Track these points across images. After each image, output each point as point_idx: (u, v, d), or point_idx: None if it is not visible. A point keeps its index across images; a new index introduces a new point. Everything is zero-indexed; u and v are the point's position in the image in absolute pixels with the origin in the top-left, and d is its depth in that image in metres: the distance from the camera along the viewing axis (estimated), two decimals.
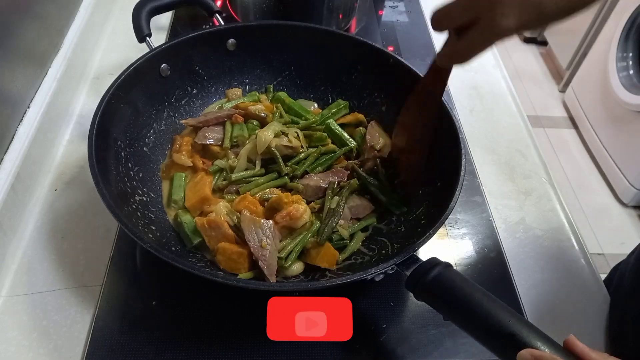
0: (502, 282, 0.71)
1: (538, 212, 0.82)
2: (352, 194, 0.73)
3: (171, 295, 0.66)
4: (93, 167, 0.59)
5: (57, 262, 0.68)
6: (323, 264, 0.65)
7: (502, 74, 1.07)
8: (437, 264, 0.54)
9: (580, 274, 0.74)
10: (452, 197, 0.61)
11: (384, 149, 0.79)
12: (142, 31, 0.81)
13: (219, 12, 0.87)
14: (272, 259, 0.63)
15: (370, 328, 0.64)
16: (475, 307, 0.50)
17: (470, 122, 0.96)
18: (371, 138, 0.79)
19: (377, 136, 0.80)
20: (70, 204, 0.75)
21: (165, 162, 0.77)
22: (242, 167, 0.75)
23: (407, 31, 1.15)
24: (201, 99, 0.85)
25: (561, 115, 2.65)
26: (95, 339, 0.60)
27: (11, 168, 0.70)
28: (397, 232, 0.70)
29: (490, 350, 0.49)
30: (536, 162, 0.90)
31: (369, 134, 0.79)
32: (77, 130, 0.87)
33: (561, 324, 0.68)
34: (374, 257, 0.68)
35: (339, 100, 0.85)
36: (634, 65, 2.16)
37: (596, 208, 2.22)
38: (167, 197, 0.73)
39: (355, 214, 0.72)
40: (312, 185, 0.72)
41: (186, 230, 0.67)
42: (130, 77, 0.71)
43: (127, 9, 0.84)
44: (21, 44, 0.76)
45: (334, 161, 0.78)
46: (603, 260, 1.99)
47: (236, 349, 0.61)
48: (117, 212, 0.56)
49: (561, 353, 0.44)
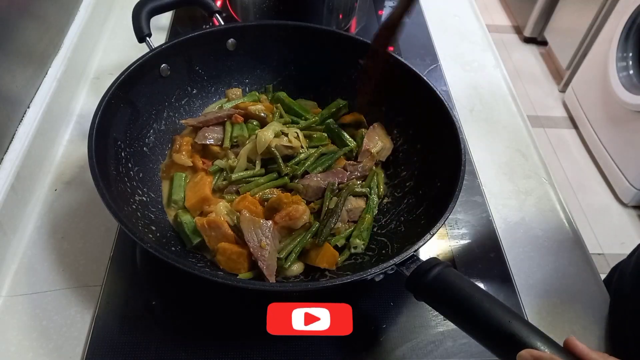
0: (502, 282, 0.71)
1: (538, 212, 0.82)
2: (349, 194, 0.73)
3: (171, 295, 0.66)
4: (93, 167, 0.59)
5: (57, 262, 0.68)
6: (323, 264, 0.65)
7: (502, 74, 1.07)
8: (437, 264, 0.54)
9: (580, 274, 0.74)
10: (452, 197, 0.61)
11: (381, 153, 0.79)
12: (142, 31, 0.81)
13: (219, 12, 0.87)
14: (272, 259, 0.63)
15: (370, 328, 0.64)
16: (475, 307, 0.50)
17: (470, 122, 0.96)
18: (368, 141, 0.79)
19: (376, 139, 0.79)
20: (70, 204, 0.75)
21: (165, 162, 0.77)
22: (242, 167, 0.75)
23: (407, 31, 1.15)
24: (201, 99, 0.85)
25: (561, 115, 2.65)
26: (95, 339, 0.61)
27: (11, 168, 0.70)
28: (397, 232, 0.70)
29: (490, 350, 0.49)
30: (536, 162, 0.90)
31: (367, 137, 0.79)
32: (77, 130, 0.87)
33: (561, 324, 0.68)
34: (374, 257, 0.68)
35: (339, 100, 0.85)
36: (634, 65, 2.16)
37: (596, 208, 2.21)
38: (167, 197, 0.73)
39: (352, 217, 0.72)
40: (312, 185, 0.72)
41: (186, 230, 0.67)
42: (130, 77, 0.71)
43: (127, 9, 0.84)
44: (21, 44, 0.76)
45: (334, 162, 0.78)
46: (603, 260, 1.99)
47: (236, 349, 0.61)
48: (117, 212, 0.56)
49: (561, 353, 0.44)
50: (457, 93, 1.01)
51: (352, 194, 0.73)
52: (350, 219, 0.72)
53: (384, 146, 0.79)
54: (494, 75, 1.07)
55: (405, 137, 0.81)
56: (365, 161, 0.77)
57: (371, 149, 0.78)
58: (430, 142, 0.76)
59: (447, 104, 0.71)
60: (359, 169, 0.76)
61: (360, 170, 0.76)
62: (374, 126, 0.81)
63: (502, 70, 1.08)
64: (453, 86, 1.02)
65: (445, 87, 1.02)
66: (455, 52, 1.12)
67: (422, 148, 0.77)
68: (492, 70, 1.09)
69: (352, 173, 0.76)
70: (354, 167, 0.76)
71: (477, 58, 1.11)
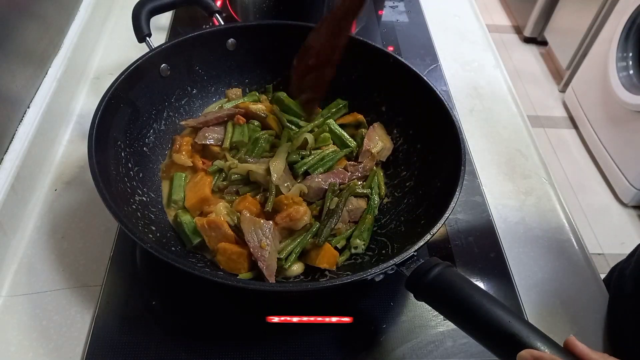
0: (502, 282, 0.71)
1: (538, 212, 0.82)
2: (350, 194, 0.72)
3: (171, 295, 0.66)
4: (93, 167, 0.59)
5: (57, 262, 0.68)
6: (323, 264, 0.65)
7: (502, 74, 1.07)
8: (437, 264, 0.54)
9: (580, 274, 0.74)
10: (452, 197, 0.61)
11: (382, 153, 0.79)
12: (142, 31, 0.81)
13: (219, 12, 0.87)
14: (272, 260, 0.63)
15: (370, 328, 0.64)
16: (475, 307, 0.49)
17: (470, 122, 0.96)
18: (369, 141, 0.79)
19: (376, 139, 0.79)
20: (70, 204, 0.75)
21: (165, 162, 0.77)
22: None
23: (407, 31, 1.15)
24: (201, 99, 0.85)
25: (561, 115, 2.65)
26: (95, 339, 0.60)
27: (11, 168, 0.70)
28: (397, 232, 0.70)
29: (490, 350, 0.49)
30: (536, 162, 0.90)
31: (367, 137, 0.79)
32: (77, 130, 0.87)
33: (561, 324, 0.68)
34: (374, 257, 0.68)
35: (338, 100, 0.85)
36: (634, 65, 2.16)
37: (596, 208, 2.21)
38: (167, 197, 0.73)
39: (353, 217, 0.72)
40: (313, 187, 0.72)
41: (186, 230, 0.67)
42: (130, 77, 0.71)
43: (127, 9, 0.84)
44: (21, 44, 0.76)
45: (335, 163, 0.77)
46: (603, 260, 1.99)
47: (236, 349, 0.61)
48: (117, 212, 0.56)
49: (561, 353, 0.44)
50: (457, 93, 1.01)
51: (354, 195, 0.73)
52: (351, 219, 0.72)
53: (384, 146, 0.79)
54: (494, 75, 1.07)
55: (405, 137, 0.81)
56: (366, 161, 0.77)
57: (372, 149, 0.78)
58: (430, 142, 0.76)
59: (447, 104, 0.71)
60: (360, 170, 0.76)
61: (361, 171, 0.76)
62: (374, 126, 0.81)
63: (502, 70, 1.08)
64: (453, 86, 1.02)
65: (445, 87, 1.02)
66: (455, 52, 1.12)
67: (422, 148, 0.77)
68: (492, 70, 1.09)
69: (353, 174, 0.76)
70: (354, 167, 0.76)
71: (477, 58, 1.11)
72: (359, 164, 0.77)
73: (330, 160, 0.77)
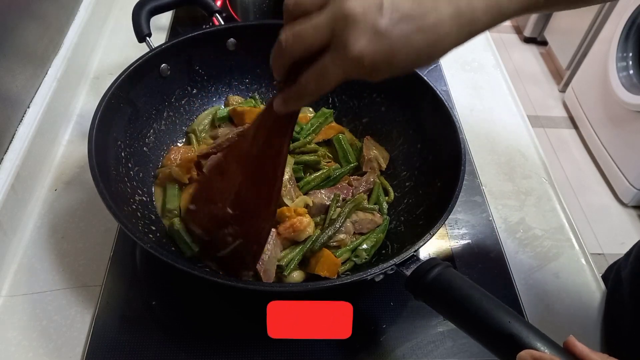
0: (502, 282, 0.71)
1: (538, 212, 0.82)
2: (357, 209, 0.71)
3: (171, 295, 0.66)
4: (93, 167, 0.59)
5: (57, 262, 0.68)
6: (323, 272, 0.63)
7: (502, 74, 1.07)
8: (437, 264, 0.54)
9: (580, 274, 0.74)
10: (452, 197, 0.61)
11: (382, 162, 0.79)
12: (142, 31, 0.81)
13: (219, 12, 0.87)
14: (270, 265, 0.63)
15: (370, 328, 0.64)
16: (475, 307, 0.49)
17: (470, 122, 0.96)
18: (368, 151, 0.78)
19: (373, 150, 0.79)
20: (70, 204, 0.75)
21: (160, 169, 0.75)
22: None
23: None
24: (201, 99, 0.85)
25: (561, 115, 2.65)
26: (95, 339, 0.60)
27: (11, 168, 0.70)
28: (397, 232, 0.70)
29: (490, 350, 0.49)
30: (536, 162, 0.90)
31: (365, 147, 0.79)
32: (77, 130, 0.87)
33: (561, 324, 0.68)
34: (374, 257, 0.68)
35: (323, 109, 0.83)
36: (634, 65, 2.16)
37: (596, 208, 2.22)
38: (161, 207, 0.71)
39: (358, 229, 0.70)
40: (316, 202, 0.70)
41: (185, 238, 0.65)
42: (130, 77, 0.71)
43: (127, 9, 0.84)
44: (21, 44, 0.76)
45: (338, 182, 0.76)
46: (603, 260, 1.99)
47: (236, 349, 0.61)
48: (117, 212, 0.56)
49: (561, 354, 0.44)
50: (457, 93, 1.01)
51: (360, 209, 0.71)
52: (357, 231, 0.71)
53: (382, 155, 0.79)
54: (494, 75, 1.07)
55: (405, 137, 0.81)
56: (369, 173, 0.77)
57: (372, 159, 0.78)
58: (430, 142, 0.76)
59: (447, 104, 0.71)
60: (363, 183, 0.75)
61: (365, 185, 0.75)
62: (367, 138, 0.80)
63: (502, 70, 1.08)
64: (453, 86, 1.02)
65: (445, 87, 1.02)
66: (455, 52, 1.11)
67: (422, 148, 0.77)
68: (492, 70, 1.08)
69: (357, 188, 0.75)
70: (358, 181, 0.75)
71: (477, 58, 1.11)
72: (362, 176, 0.77)
73: (334, 180, 0.76)
